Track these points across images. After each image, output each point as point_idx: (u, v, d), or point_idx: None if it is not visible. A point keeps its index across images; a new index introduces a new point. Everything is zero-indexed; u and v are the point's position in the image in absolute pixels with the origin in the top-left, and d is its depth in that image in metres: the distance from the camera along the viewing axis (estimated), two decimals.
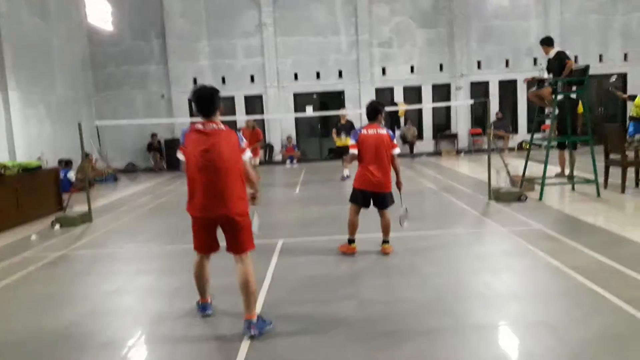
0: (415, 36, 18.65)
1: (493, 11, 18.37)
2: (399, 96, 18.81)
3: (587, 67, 8.53)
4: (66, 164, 13.91)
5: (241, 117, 18.49)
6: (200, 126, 3.83)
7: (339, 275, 5.24)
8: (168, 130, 18.87)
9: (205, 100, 3.88)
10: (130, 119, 17.69)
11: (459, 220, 7.59)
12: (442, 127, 19.12)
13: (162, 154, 18.70)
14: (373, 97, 18.71)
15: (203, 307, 4.27)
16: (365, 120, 6.00)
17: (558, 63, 8.56)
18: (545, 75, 8.89)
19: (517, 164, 10.76)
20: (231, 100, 18.78)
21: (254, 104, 18.80)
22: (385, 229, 5.79)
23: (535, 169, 9.82)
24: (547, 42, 8.90)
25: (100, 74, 18.87)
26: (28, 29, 14.97)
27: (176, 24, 18.49)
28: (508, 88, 18.81)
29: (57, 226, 8.49)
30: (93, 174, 14.97)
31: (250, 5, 18.37)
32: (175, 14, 18.45)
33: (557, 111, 8.66)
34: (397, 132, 18.93)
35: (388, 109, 17.75)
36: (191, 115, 19.03)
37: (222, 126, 3.88)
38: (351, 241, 5.86)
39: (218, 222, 3.87)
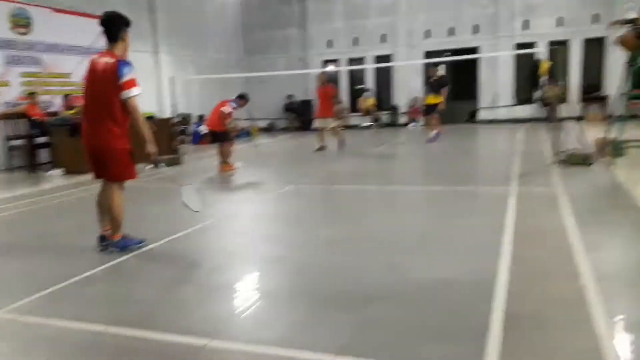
0: None
1: None
2: (542, 52, 16.85)
3: None
4: (200, 118, 15.97)
5: (370, 77, 18.79)
6: (95, 56, 4.09)
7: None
8: (304, 92, 19.98)
9: (105, 25, 4.03)
10: (273, 82, 19.33)
11: (483, 180, 7.04)
12: (593, 88, 16.63)
13: (298, 114, 19.95)
14: (511, 52, 17.15)
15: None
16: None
17: None
18: (632, 15, 7.36)
19: None
20: (361, 61, 19.04)
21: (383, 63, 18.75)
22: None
23: None
24: None
25: (249, 39, 20.71)
26: None
27: None
28: None
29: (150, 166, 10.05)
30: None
31: None
32: None
33: None
34: (538, 93, 17.12)
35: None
36: None
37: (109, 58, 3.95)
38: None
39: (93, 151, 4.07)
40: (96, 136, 4.01)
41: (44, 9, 11.81)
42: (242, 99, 9.55)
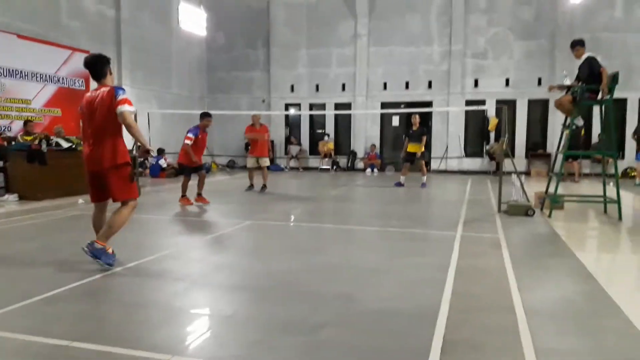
0: (513, 48, 17.75)
1: (603, 22, 16.70)
2: (490, 110, 18.02)
3: (616, 75, 7.79)
4: (159, 152, 16.01)
5: (330, 123, 19.45)
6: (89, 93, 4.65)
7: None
8: None
9: (89, 67, 4.63)
10: (235, 121, 19.65)
11: (432, 224, 7.48)
12: (538, 145, 17.84)
13: None
14: (463, 108, 18.20)
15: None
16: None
17: (587, 69, 7.87)
18: (567, 81, 8.18)
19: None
20: (322, 107, 19.70)
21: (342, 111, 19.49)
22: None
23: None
24: (580, 44, 8.17)
25: (213, 78, 21.13)
26: (148, 34, 17.46)
27: (280, 32, 19.98)
28: (618, 107, 16.90)
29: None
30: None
31: (347, 15, 19.13)
32: (280, 23, 19.95)
33: (580, 122, 8.00)
34: (486, 147, 18.16)
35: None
36: (286, 119, 20.47)
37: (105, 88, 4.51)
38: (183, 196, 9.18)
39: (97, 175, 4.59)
40: (101, 158, 4.46)
41: (8, 34, 11.83)
42: (202, 117, 9.41)
